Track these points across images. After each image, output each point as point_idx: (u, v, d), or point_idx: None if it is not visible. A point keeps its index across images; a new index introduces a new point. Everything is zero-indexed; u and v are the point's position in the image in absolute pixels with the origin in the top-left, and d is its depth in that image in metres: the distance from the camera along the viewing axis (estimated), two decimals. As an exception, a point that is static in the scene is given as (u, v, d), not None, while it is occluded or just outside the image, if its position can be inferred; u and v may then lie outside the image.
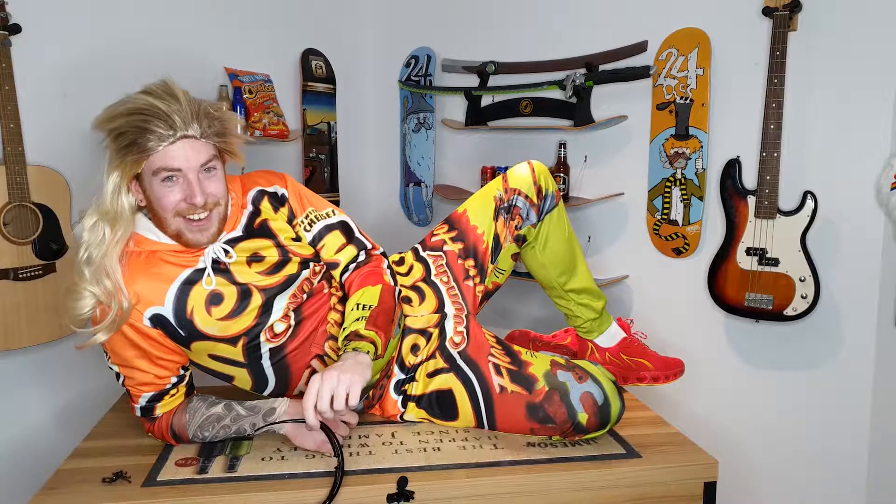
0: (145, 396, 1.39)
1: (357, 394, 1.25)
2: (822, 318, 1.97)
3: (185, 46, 2.22)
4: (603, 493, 1.35)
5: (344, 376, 1.25)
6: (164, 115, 1.25)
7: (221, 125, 1.34)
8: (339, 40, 2.68)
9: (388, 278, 1.54)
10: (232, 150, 1.38)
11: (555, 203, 1.64)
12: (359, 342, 1.34)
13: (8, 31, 1.76)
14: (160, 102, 1.26)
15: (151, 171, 1.28)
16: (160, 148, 1.26)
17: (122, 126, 1.26)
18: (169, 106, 1.26)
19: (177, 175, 1.29)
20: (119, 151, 1.27)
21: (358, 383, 1.25)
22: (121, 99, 1.30)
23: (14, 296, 1.80)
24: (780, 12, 1.84)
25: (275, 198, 1.48)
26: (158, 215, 1.33)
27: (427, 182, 2.71)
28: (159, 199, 1.30)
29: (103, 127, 1.28)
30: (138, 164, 1.27)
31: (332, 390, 1.24)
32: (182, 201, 1.30)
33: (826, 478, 2.05)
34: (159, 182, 1.29)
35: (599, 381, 1.41)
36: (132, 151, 1.26)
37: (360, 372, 1.27)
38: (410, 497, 1.27)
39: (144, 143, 1.25)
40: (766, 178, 1.88)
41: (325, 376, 1.25)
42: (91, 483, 1.28)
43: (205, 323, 1.36)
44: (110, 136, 1.28)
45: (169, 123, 1.26)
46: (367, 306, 1.42)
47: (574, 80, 2.22)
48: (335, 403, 1.24)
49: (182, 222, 1.32)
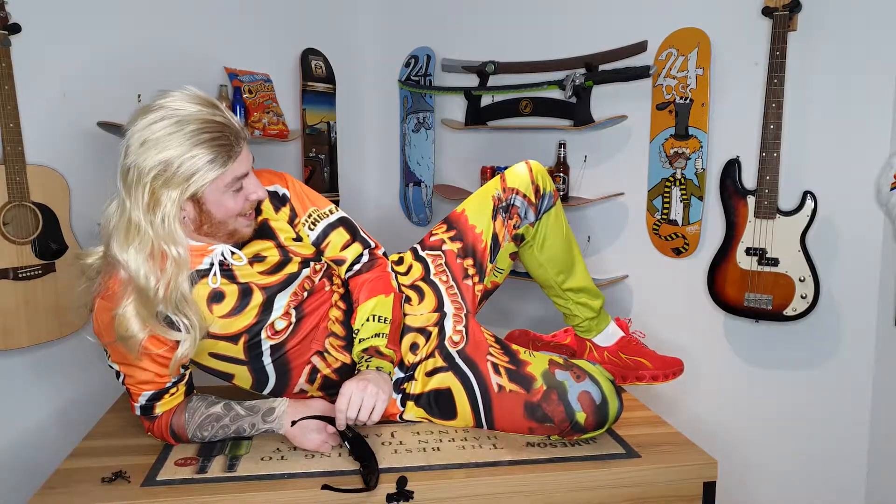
0: (145, 395, 1.39)
1: (381, 411, 1.33)
2: (821, 318, 1.97)
3: (185, 46, 2.22)
4: (602, 492, 1.35)
5: (375, 391, 1.32)
6: (227, 130, 1.25)
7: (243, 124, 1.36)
8: (339, 40, 2.68)
9: (395, 284, 1.55)
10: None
11: (553, 202, 1.64)
12: (381, 360, 1.40)
13: (8, 31, 1.76)
14: (218, 117, 1.25)
15: (224, 184, 1.27)
16: (232, 163, 1.26)
17: (184, 152, 1.20)
18: (225, 116, 1.26)
19: (244, 179, 1.31)
20: (185, 177, 1.21)
21: (384, 402, 1.33)
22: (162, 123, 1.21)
23: (14, 296, 1.80)
24: (780, 12, 1.84)
25: (276, 198, 1.48)
26: (216, 224, 1.32)
27: (427, 182, 2.71)
28: (228, 208, 1.31)
29: (158, 157, 1.20)
30: (212, 182, 1.25)
31: (363, 401, 1.30)
32: (246, 201, 1.33)
33: (826, 477, 2.05)
34: (232, 193, 1.30)
35: (597, 381, 1.41)
36: (207, 171, 1.22)
37: (387, 391, 1.35)
38: (410, 497, 1.27)
39: (223, 160, 1.24)
40: (766, 178, 1.88)
41: (360, 386, 1.31)
42: (90, 483, 1.28)
43: (206, 321, 1.36)
44: (171, 165, 1.20)
45: (236, 134, 1.27)
46: (384, 319, 1.46)
47: (574, 79, 2.22)
48: (360, 415, 1.31)
49: (242, 220, 1.36)
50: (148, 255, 1.25)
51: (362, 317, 1.46)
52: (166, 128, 1.21)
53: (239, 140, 1.28)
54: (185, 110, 1.23)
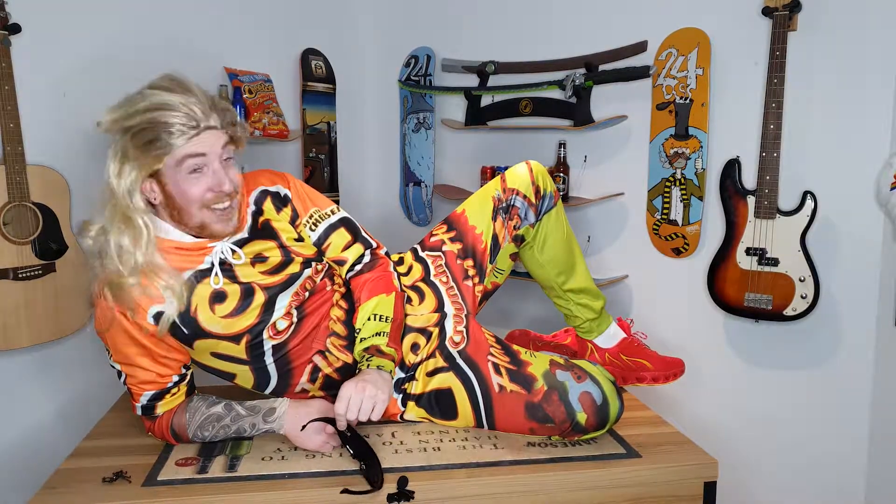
0: (146, 395, 1.39)
1: (381, 411, 1.33)
2: (821, 318, 1.97)
3: (185, 46, 2.22)
4: (603, 492, 1.35)
5: (374, 392, 1.32)
6: (186, 108, 1.25)
7: (232, 115, 1.35)
8: (339, 40, 2.68)
9: (396, 283, 1.55)
10: (241, 140, 1.39)
11: (553, 203, 1.64)
12: (382, 359, 1.40)
13: (8, 31, 1.75)
14: (178, 97, 1.26)
15: (175, 161, 1.28)
16: (185, 141, 1.26)
17: (142, 123, 1.25)
18: (187, 98, 1.27)
19: (203, 163, 1.30)
20: (140, 148, 1.26)
21: (383, 402, 1.33)
22: (128, 97, 1.29)
23: (14, 296, 1.80)
24: (780, 12, 1.84)
25: (277, 198, 1.48)
26: (180, 209, 1.33)
27: (427, 182, 2.71)
28: (186, 192, 1.30)
29: (117, 125, 1.27)
30: (160, 159, 1.27)
31: (361, 402, 1.30)
32: (209, 191, 1.31)
33: (825, 477, 2.05)
34: (186, 174, 1.29)
35: (598, 381, 1.42)
36: (156, 147, 1.25)
37: (387, 391, 1.36)
38: (410, 497, 1.27)
39: (168, 137, 1.25)
40: (766, 178, 1.88)
41: (358, 387, 1.31)
42: (91, 483, 1.28)
43: (208, 321, 1.36)
44: (127, 135, 1.27)
45: (192, 116, 1.26)
46: (386, 318, 1.46)
47: (574, 80, 2.22)
48: (360, 415, 1.31)
49: (208, 213, 1.33)
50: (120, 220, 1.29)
51: (363, 316, 1.46)
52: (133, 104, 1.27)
53: (199, 123, 1.27)
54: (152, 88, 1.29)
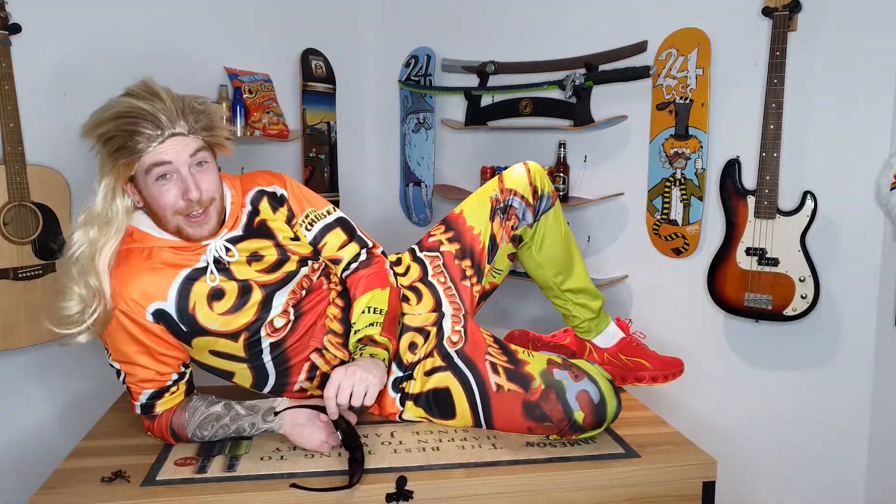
0: (146, 394, 1.39)
1: (374, 395, 1.32)
2: (821, 319, 1.97)
3: (185, 46, 2.22)
4: (602, 492, 1.35)
5: (365, 375, 1.31)
6: (151, 116, 1.26)
7: (208, 119, 1.34)
8: (339, 40, 2.68)
9: (392, 279, 1.55)
10: (220, 143, 1.38)
11: (551, 203, 1.64)
12: (375, 348, 1.40)
13: (8, 31, 1.76)
14: (144, 103, 1.26)
15: (143, 170, 1.29)
16: (150, 149, 1.27)
17: (109, 131, 1.26)
18: (153, 105, 1.27)
19: (169, 171, 1.29)
20: (110, 156, 1.28)
21: (376, 385, 1.32)
22: (104, 104, 1.30)
23: (14, 296, 1.80)
24: (780, 12, 1.84)
25: (274, 198, 1.48)
26: (156, 214, 1.34)
27: (427, 182, 2.71)
28: (156, 199, 1.31)
29: (91, 133, 1.29)
30: (130, 167, 1.28)
31: (353, 386, 1.30)
32: (179, 199, 1.31)
33: (825, 477, 2.05)
34: (153, 181, 1.30)
35: (595, 380, 1.42)
36: (123, 155, 1.27)
37: (379, 375, 1.34)
38: (409, 496, 1.27)
39: (133, 145, 1.26)
40: (766, 178, 1.88)
41: (349, 372, 1.31)
42: (90, 483, 1.28)
43: (206, 318, 1.37)
44: (99, 142, 1.29)
45: (156, 123, 1.26)
46: (380, 310, 1.46)
47: (574, 80, 2.22)
48: (353, 399, 1.30)
49: (181, 219, 1.34)
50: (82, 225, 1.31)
51: (358, 310, 1.47)
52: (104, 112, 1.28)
53: (164, 130, 1.27)
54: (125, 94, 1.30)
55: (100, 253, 1.31)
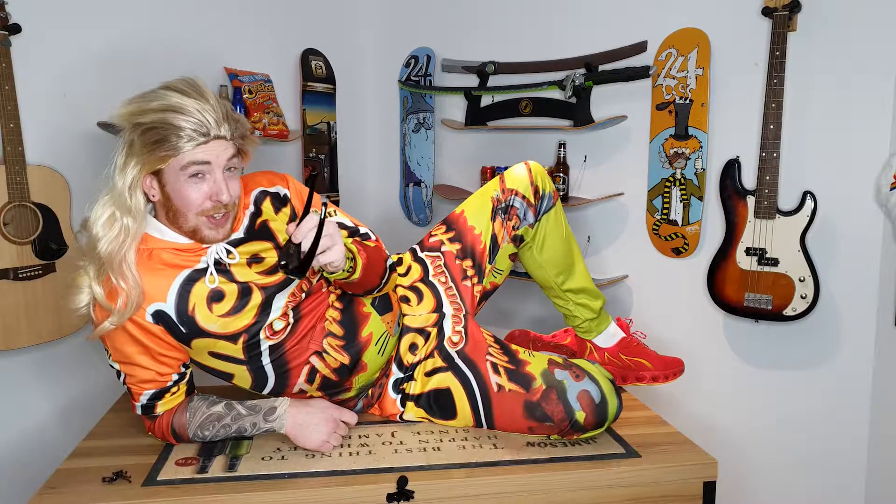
0: (146, 394, 1.39)
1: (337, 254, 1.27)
2: (821, 319, 1.97)
3: (185, 46, 2.22)
4: (602, 492, 1.35)
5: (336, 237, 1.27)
6: (200, 115, 1.26)
7: (244, 128, 1.35)
8: (339, 40, 2.68)
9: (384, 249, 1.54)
10: (247, 153, 1.39)
11: (552, 203, 1.64)
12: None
13: (8, 31, 1.76)
14: (194, 101, 1.26)
15: (180, 166, 1.28)
16: (192, 147, 1.26)
17: (154, 121, 1.25)
18: (202, 105, 1.27)
19: (206, 171, 1.30)
20: (146, 146, 1.26)
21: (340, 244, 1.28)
22: (144, 93, 1.29)
23: (14, 296, 1.80)
24: (780, 12, 1.84)
25: (277, 198, 1.48)
26: (175, 211, 1.33)
27: (427, 182, 2.71)
28: (184, 197, 1.30)
29: (130, 119, 1.27)
30: (164, 160, 1.27)
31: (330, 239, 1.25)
32: (207, 199, 1.31)
33: (825, 477, 2.05)
34: (186, 178, 1.29)
35: (596, 380, 1.42)
36: (163, 147, 1.25)
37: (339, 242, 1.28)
38: (410, 496, 1.27)
39: (177, 141, 1.25)
40: (766, 178, 1.88)
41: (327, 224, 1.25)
42: (91, 483, 1.28)
43: (206, 320, 1.36)
44: (137, 130, 1.26)
45: (203, 123, 1.26)
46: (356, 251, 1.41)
47: (574, 80, 2.22)
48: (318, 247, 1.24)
49: (203, 220, 1.33)
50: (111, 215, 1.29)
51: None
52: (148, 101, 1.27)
53: (209, 131, 1.27)
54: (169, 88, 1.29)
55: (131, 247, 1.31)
